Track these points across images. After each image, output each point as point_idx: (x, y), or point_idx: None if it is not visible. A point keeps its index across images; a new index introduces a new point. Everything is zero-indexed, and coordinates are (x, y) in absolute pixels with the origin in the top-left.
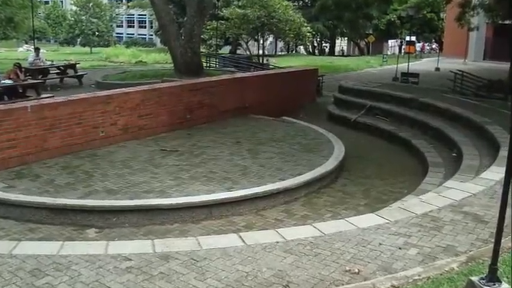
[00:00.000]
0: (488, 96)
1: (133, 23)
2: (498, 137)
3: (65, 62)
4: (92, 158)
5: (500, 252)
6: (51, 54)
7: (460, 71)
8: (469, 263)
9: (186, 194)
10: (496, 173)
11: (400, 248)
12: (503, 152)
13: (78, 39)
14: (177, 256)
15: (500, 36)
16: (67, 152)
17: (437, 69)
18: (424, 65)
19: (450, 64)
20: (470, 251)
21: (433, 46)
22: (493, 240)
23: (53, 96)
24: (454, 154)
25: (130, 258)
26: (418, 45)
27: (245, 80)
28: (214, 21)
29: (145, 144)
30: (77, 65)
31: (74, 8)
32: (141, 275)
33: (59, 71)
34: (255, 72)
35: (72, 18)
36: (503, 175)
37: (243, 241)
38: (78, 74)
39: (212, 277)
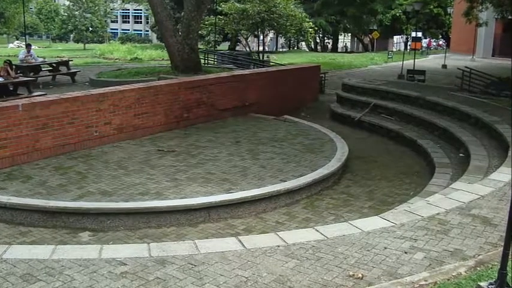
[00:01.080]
0: (497, 94)
1: (129, 19)
2: (508, 137)
3: (57, 58)
4: (86, 159)
5: (510, 257)
6: (43, 51)
7: (468, 68)
8: (478, 268)
9: (183, 196)
10: (505, 174)
11: (405, 252)
12: None
13: (71, 35)
14: (174, 260)
15: (510, 32)
16: (60, 153)
17: (445, 66)
18: (430, 61)
19: (458, 61)
20: (478, 255)
21: (440, 42)
22: (502, 244)
23: (45, 94)
24: (461, 154)
25: (125, 263)
26: (425, 42)
27: (245, 77)
28: (212, 16)
29: (141, 144)
30: (70, 62)
31: (67, 2)
32: (137, 280)
33: (51, 68)
34: (255, 70)
35: (65, 14)
36: None
37: (243, 245)
38: (71, 71)
39: (210, 282)
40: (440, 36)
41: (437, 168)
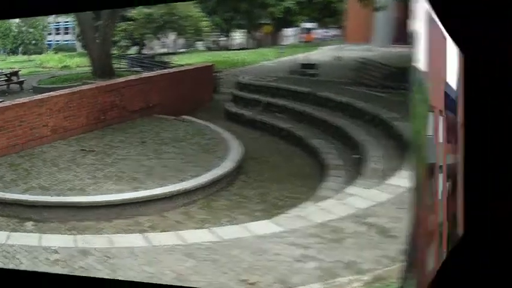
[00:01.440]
0: (397, 87)
1: (60, 30)
2: (408, 136)
3: (10, 69)
4: (30, 157)
5: (410, 273)
6: (1, 64)
7: (363, 58)
8: (375, 284)
9: (100, 192)
10: (405, 179)
11: (297, 261)
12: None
13: (20, 49)
14: (94, 252)
15: (410, 16)
16: (12, 152)
17: (338, 58)
18: (324, 54)
19: (354, 51)
20: (376, 270)
21: (335, 32)
22: (401, 258)
23: (2, 101)
24: (356, 156)
25: (58, 252)
26: (318, 32)
27: (150, 79)
28: (123, 22)
29: (69, 144)
30: (19, 72)
31: (17, 20)
32: (66, 267)
33: (6, 78)
34: (158, 72)
35: (16, 30)
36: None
37: (149, 242)
38: (19, 80)
39: (122, 276)
40: (335, 26)
41: (330, 171)
